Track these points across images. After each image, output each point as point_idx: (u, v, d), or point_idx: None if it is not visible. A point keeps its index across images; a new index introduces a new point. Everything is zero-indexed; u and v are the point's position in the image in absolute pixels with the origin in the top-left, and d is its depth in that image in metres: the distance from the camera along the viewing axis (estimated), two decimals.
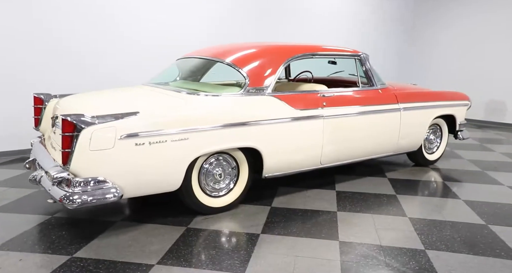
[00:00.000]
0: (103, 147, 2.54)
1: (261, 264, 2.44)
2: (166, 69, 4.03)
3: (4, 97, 4.62)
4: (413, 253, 2.61)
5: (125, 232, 2.85)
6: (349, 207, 3.39)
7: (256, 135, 3.15)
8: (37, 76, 4.78)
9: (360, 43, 8.24)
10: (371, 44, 8.50)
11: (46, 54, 4.82)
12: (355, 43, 8.12)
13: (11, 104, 4.64)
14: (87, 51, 5.09)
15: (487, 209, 3.40)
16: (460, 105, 4.76)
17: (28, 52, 4.71)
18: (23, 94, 4.60)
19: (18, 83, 4.67)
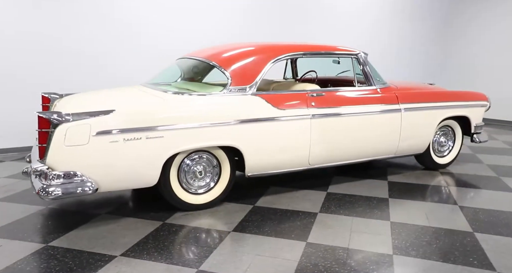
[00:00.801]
0: (78, 143, 2.69)
1: (218, 260, 2.48)
2: (166, 69, 4.16)
3: (17, 96, 4.95)
4: (378, 258, 2.52)
5: (104, 224, 3.00)
6: (333, 209, 3.33)
7: (236, 134, 3.19)
8: (50, 77, 5.10)
9: (384, 41, 7.99)
10: (395, 42, 8.21)
11: (58, 56, 5.14)
12: (378, 41, 7.90)
13: (24, 103, 4.97)
14: (98, 52, 5.37)
15: (482, 217, 3.20)
16: (475, 105, 4.49)
17: (41, 54, 5.04)
18: (35, 94, 4.88)
19: (31, 83, 5.00)
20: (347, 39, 7.42)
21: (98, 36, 5.38)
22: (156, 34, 5.74)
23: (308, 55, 3.70)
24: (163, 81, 3.87)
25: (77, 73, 5.27)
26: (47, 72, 5.12)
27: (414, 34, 8.42)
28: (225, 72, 3.31)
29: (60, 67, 5.19)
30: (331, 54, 3.83)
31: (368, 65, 3.98)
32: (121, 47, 5.52)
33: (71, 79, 5.21)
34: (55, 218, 3.12)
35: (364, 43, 7.71)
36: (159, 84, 3.68)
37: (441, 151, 4.51)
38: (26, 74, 5.04)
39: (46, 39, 5.08)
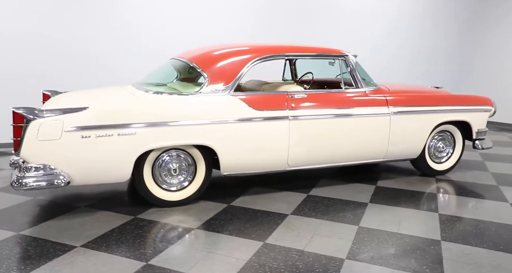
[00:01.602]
0: (51, 137, 2.85)
1: (170, 255, 2.54)
2: (161, 69, 4.21)
3: (19, 94, 5.20)
4: (329, 261, 2.49)
5: (79, 217, 3.15)
6: (305, 212, 3.30)
7: (210, 134, 3.24)
8: (52, 76, 5.34)
9: (401, 43, 7.78)
10: (416, 43, 7.95)
11: (60, 56, 5.38)
12: (395, 42, 7.69)
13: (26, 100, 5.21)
14: (104, 53, 5.59)
15: (458, 225, 3.07)
16: (477, 110, 4.29)
17: (44, 54, 5.29)
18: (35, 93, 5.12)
19: (38, 81, 5.24)
20: (360, 40, 7.31)
21: (106, 37, 5.61)
22: (162, 35, 5.91)
23: (291, 57, 3.69)
24: (158, 81, 3.90)
25: (79, 72, 5.49)
26: (48, 71, 5.35)
27: (434, 36, 8.12)
28: (203, 73, 3.38)
29: (62, 67, 5.41)
30: (316, 56, 3.80)
31: (357, 67, 3.91)
32: (124, 48, 5.72)
33: (73, 79, 5.43)
34: (37, 208, 3.31)
35: (378, 44, 7.57)
36: (151, 84, 3.70)
37: (438, 157, 4.35)
38: (28, 73, 5.28)
39: (49, 39, 5.31)
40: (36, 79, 5.24)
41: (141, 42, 5.83)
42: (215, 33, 6.23)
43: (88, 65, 5.55)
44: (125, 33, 5.72)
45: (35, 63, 5.30)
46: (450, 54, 8.34)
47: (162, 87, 3.61)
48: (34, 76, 5.26)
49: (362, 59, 7.25)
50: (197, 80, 4.13)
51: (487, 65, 8.18)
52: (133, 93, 3.34)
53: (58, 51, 5.38)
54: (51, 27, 5.32)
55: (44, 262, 2.42)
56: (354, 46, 7.22)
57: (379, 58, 7.61)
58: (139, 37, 5.80)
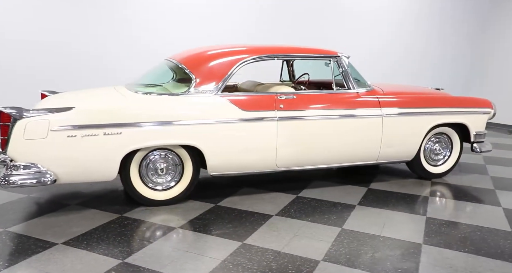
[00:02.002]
0: (37, 136, 2.92)
1: (146, 254, 2.57)
2: (156, 70, 4.22)
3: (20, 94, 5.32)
4: (304, 263, 2.48)
5: (67, 214, 3.21)
6: (291, 213, 3.29)
7: (196, 134, 3.27)
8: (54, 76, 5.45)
9: (408, 44, 7.67)
10: (422, 45, 7.83)
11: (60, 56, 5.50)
12: (402, 43, 7.59)
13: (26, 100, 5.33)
14: (100, 54, 5.67)
15: (443, 229, 3.01)
16: (476, 112, 4.20)
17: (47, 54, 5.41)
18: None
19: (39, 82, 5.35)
20: (365, 39, 7.25)
21: (107, 38, 5.70)
22: (163, 37, 5.97)
23: (281, 58, 3.69)
24: (152, 82, 3.88)
25: (80, 73, 5.58)
26: (50, 72, 5.46)
27: (441, 37, 7.98)
28: (190, 74, 3.41)
29: (63, 67, 5.52)
30: (307, 57, 3.79)
31: (349, 68, 3.88)
32: (125, 49, 5.81)
33: (73, 79, 5.53)
34: (28, 205, 3.39)
35: (384, 44, 7.48)
36: (143, 85, 3.67)
37: (435, 160, 4.27)
38: (28, 73, 5.38)
39: (51, 40, 5.43)
40: (37, 79, 5.35)
41: (142, 42, 5.91)
42: (217, 33, 6.28)
43: (89, 66, 5.66)
44: (126, 34, 5.82)
45: (37, 63, 5.42)
46: (458, 56, 8.18)
47: (155, 87, 3.64)
48: (34, 76, 5.39)
49: (368, 60, 7.25)
50: (188, 81, 4.15)
51: (496, 67, 8.00)
52: (122, 94, 3.38)
53: (60, 51, 5.50)
54: (53, 28, 5.44)
55: (23, 258, 2.48)
56: (360, 46, 7.21)
57: (386, 58, 7.53)
58: (140, 38, 5.88)
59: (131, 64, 5.81)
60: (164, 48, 5.77)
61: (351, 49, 7.08)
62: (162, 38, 6.03)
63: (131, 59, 5.88)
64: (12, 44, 5.28)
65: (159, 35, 6.01)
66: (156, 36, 6.01)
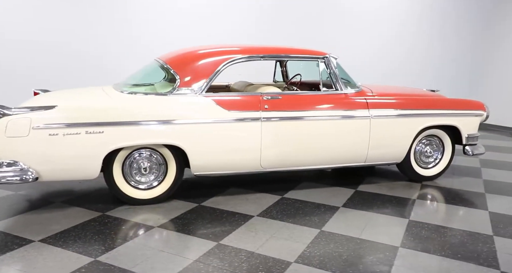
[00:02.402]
0: (19, 134, 2.95)
1: (120, 252, 2.58)
2: (142, 69, 4.19)
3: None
4: (275, 264, 2.47)
5: (50, 212, 3.24)
6: (273, 214, 3.28)
7: (179, 134, 3.27)
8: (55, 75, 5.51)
9: (410, 45, 7.59)
10: (424, 45, 7.75)
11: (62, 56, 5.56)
12: (400, 43, 7.52)
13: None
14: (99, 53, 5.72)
15: (424, 232, 2.97)
16: (467, 115, 4.13)
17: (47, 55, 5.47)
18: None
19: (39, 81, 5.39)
20: (365, 39, 7.20)
21: (106, 38, 5.75)
22: (164, 35, 6.00)
23: (267, 58, 3.67)
24: (141, 82, 3.85)
25: (77, 72, 5.65)
26: (50, 72, 5.54)
27: (444, 37, 7.88)
28: (175, 74, 3.41)
29: (62, 66, 5.59)
30: (294, 57, 3.77)
31: (337, 68, 3.85)
32: (124, 49, 5.86)
33: (70, 78, 5.60)
34: (14, 202, 3.43)
35: (385, 45, 7.42)
36: (130, 85, 3.64)
37: (425, 162, 4.21)
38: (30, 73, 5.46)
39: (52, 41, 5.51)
40: (36, 79, 5.42)
41: (142, 42, 5.96)
42: (217, 34, 6.30)
43: (89, 65, 5.72)
44: (126, 34, 5.88)
45: (37, 63, 5.50)
46: (460, 56, 8.07)
47: (143, 87, 3.65)
48: (34, 75, 5.46)
49: (369, 60, 7.20)
50: (173, 81, 4.15)
51: (499, 68, 7.86)
52: (108, 93, 3.41)
53: (60, 51, 5.57)
54: (53, 28, 5.51)
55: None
56: (360, 46, 7.17)
57: (387, 59, 7.48)
58: (140, 38, 5.94)
59: (131, 64, 5.82)
60: (164, 48, 5.73)
61: (351, 49, 7.08)
62: (162, 38, 6.07)
63: (131, 59, 5.90)
64: (12, 44, 5.36)
65: (159, 35, 6.05)
66: (156, 36, 6.04)
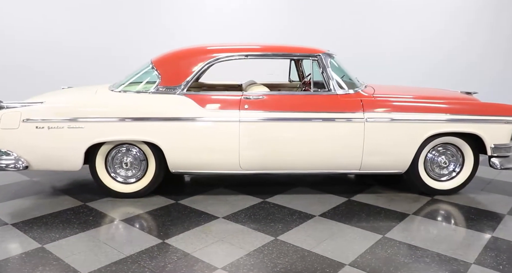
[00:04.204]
0: (11, 126, 3.28)
1: (70, 242, 2.72)
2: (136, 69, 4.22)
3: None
4: (203, 270, 2.40)
5: (43, 198, 3.55)
6: (239, 218, 3.18)
7: (155, 131, 3.35)
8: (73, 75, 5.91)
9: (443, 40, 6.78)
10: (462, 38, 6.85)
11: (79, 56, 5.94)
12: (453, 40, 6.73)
13: None
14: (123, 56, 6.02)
15: (390, 251, 2.62)
16: (495, 121, 3.56)
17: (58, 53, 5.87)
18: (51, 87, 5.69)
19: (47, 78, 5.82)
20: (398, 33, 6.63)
21: (144, 43, 6.08)
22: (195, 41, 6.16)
23: (252, 57, 3.56)
24: (135, 81, 3.69)
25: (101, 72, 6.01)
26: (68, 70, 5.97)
27: (498, 35, 6.86)
28: (157, 73, 3.49)
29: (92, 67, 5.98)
30: (282, 56, 3.60)
31: (336, 67, 3.59)
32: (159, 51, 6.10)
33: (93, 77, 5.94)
34: (22, 187, 3.83)
35: (429, 39, 6.77)
36: (122, 84, 3.62)
37: (439, 174, 3.72)
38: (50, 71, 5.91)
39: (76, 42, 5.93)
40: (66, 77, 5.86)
41: (170, 43, 6.14)
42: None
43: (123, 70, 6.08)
44: (160, 39, 6.13)
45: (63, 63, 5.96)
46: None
47: (132, 86, 3.77)
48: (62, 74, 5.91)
49: (411, 57, 6.60)
50: None
51: None
52: (97, 92, 3.61)
53: (91, 54, 6.00)
54: (86, 30, 5.94)
55: None
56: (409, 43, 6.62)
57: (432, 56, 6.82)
58: (169, 41, 6.15)
59: None
60: None
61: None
62: (193, 40, 6.23)
63: None
64: (48, 46, 5.89)
65: (190, 37, 6.22)
66: (186, 38, 6.22)
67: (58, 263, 2.44)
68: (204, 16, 6.27)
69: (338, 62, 3.89)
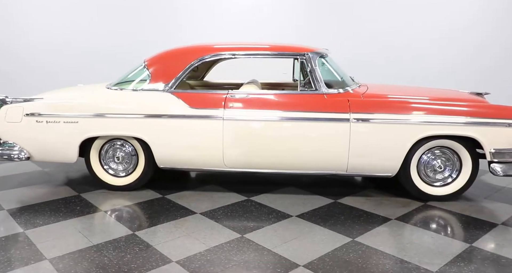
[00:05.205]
0: (14, 120, 3.56)
1: (42, 229, 2.91)
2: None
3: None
4: (158, 260, 2.49)
5: (44, 188, 3.81)
6: (215, 214, 3.23)
7: (143, 127, 3.49)
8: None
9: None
10: None
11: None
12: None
13: None
14: None
15: (351, 255, 2.56)
16: (495, 124, 3.33)
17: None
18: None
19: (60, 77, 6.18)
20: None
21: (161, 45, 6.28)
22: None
23: (239, 56, 3.60)
24: (131, 79, 3.83)
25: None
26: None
27: None
28: (147, 72, 3.62)
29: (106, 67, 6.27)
30: (269, 55, 3.60)
31: (321, 66, 3.55)
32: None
33: None
34: (33, 176, 4.14)
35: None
36: (122, 82, 3.81)
37: (432, 178, 3.55)
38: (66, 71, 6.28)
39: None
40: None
41: None
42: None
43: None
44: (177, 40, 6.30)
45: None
46: None
47: (126, 84, 3.91)
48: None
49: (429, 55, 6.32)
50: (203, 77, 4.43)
51: None
52: (94, 89, 3.82)
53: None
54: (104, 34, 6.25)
55: None
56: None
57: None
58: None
59: None
60: None
61: None
62: None
63: None
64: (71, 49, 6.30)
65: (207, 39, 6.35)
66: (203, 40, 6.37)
67: (30, 248, 2.63)
68: (217, 16, 6.39)
69: (331, 60, 3.83)
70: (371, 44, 6.61)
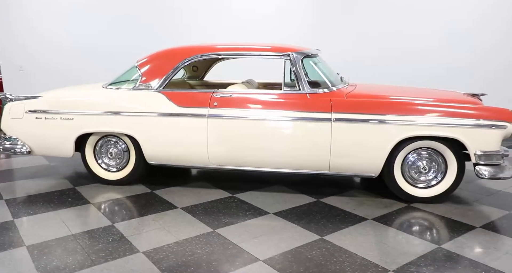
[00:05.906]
0: (17, 116, 3.82)
1: (39, 219, 3.12)
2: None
3: None
4: (121, 251, 2.62)
5: (44, 180, 4.05)
6: (195, 210, 3.34)
7: (132, 124, 3.66)
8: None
9: None
10: None
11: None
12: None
13: None
14: None
15: (313, 252, 2.60)
16: (480, 126, 3.27)
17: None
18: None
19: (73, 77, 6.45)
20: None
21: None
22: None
23: (224, 56, 3.70)
24: (126, 79, 3.99)
25: None
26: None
27: None
28: (139, 72, 3.79)
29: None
30: (253, 55, 3.67)
31: (305, 66, 3.59)
32: None
33: None
34: (38, 170, 4.39)
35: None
36: (117, 82, 3.98)
37: (417, 180, 3.51)
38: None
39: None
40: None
41: None
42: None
43: None
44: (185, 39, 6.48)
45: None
46: None
47: (121, 83, 4.06)
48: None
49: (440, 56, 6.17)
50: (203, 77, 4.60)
51: None
52: (90, 88, 4.03)
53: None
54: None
55: None
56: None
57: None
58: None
59: None
60: None
61: None
62: None
63: None
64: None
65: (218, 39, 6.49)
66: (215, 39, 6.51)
67: (14, 235, 2.83)
68: (226, 16, 6.50)
69: (320, 61, 3.86)
70: (374, 45, 6.56)
